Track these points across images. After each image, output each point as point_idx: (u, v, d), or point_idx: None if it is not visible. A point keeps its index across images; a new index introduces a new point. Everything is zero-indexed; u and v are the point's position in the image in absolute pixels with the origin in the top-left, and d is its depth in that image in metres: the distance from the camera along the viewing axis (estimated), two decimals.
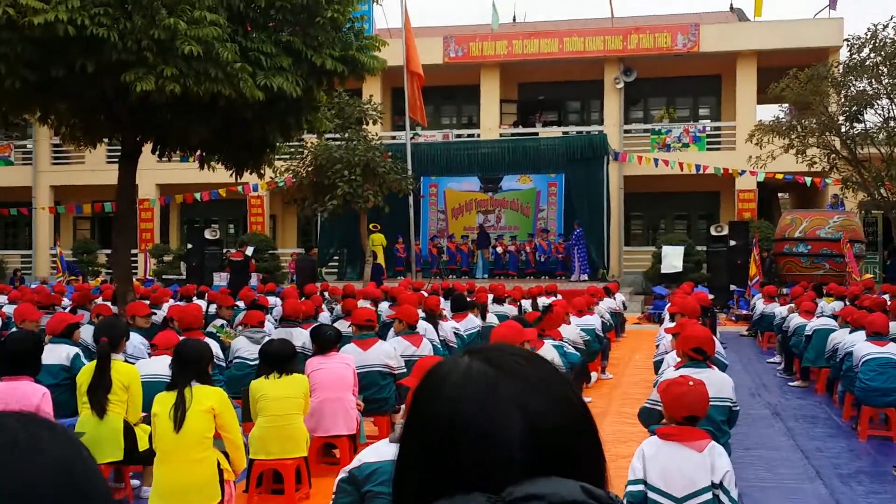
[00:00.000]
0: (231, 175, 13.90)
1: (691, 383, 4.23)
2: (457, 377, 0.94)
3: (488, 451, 0.88)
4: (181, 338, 6.38)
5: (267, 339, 7.43)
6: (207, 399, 5.00)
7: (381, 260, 21.90)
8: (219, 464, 5.07)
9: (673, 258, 22.13)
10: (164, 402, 4.96)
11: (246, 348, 8.07)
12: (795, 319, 11.46)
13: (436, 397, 0.94)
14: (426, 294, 12.60)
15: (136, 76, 10.21)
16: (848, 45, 18.31)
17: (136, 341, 7.72)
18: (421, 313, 9.25)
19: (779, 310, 13.44)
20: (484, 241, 24.64)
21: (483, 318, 11.19)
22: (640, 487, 3.97)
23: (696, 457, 3.96)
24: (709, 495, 3.89)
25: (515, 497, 0.80)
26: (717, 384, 5.48)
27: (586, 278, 22.11)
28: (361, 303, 11.77)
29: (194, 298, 13.54)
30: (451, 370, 0.96)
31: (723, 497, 3.90)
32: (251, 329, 8.44)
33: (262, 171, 13.95)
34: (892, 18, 17.54)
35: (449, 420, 0.91)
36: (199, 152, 14.06)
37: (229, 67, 10.48)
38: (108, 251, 22.49)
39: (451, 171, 24.76)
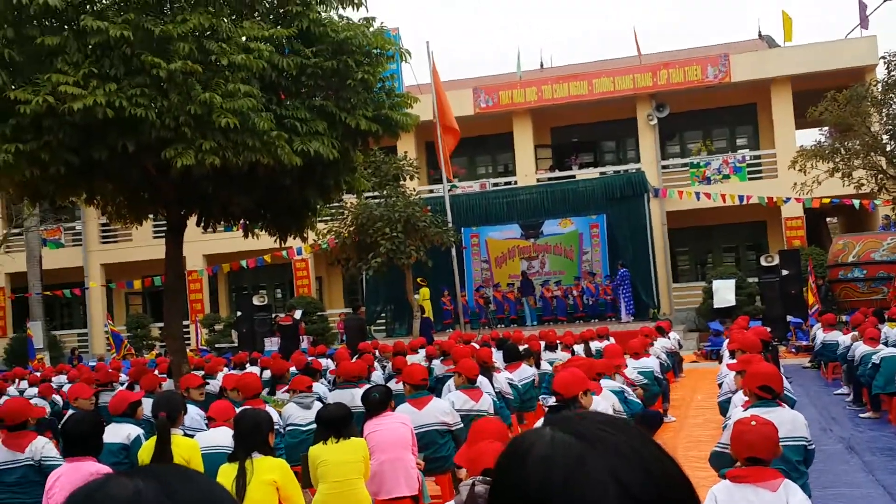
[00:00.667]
0: (275, 240, 14.01)
1: (753, 423, 4.08)
2: (542, 449, 0.88)
3: None
4: (238, 408, 6.34)
5: (318, 402, 7.35)
6: (270, 471, 4.93)
7: (429, 314, 21.83)
8: None
9: (725, 292, 21.74)
10: (226, 474, 4.90)
11: (297, 414, 7.99)
12: (861, 348, 11.09)
13: (521, 471, 0.88)
14: (477, 346, 12.47)
15: (175, 152, 10.38)
16: (885, 63, 18.06)
17: (192, 413, 7.70)
18: None
19: (842, 338, 13.05)
20: (528, 289, 24.46)
21: (537, 366, 11.02)
22: None
23: (770, 496, 3.80)
24: None
25: None
26: (789, 423, 5.27)
27: (631, 319, 21.81)
28: (412, 358, 11.69)
29: (248, 366, 13.55)
30: (535, 442, 0.90)
31: None
32: (300, 394, 8.38)
33: (305, 235, 14.05)
34: None
35: (538, 494, 0.84)
36: (242, 221, 14.22)
37: (266, 136, 10.62)
38: (161, 324, 22.76)
39: (490, 220, 24.76)
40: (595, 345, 13.82)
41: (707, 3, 76.04)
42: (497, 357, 11.24)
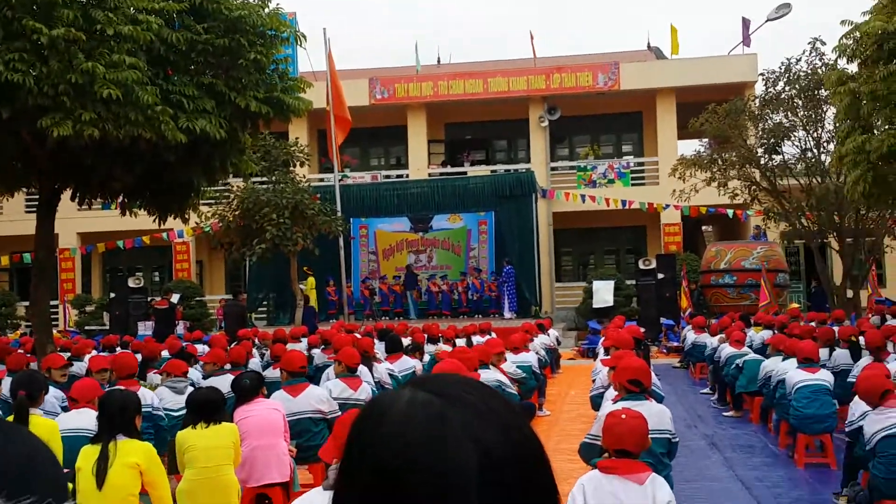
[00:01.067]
0: (154, 221, 13.53)
1: (623, 416, 4.17)
2: (400, 410, 0.85)
3: (441, 486, 0.79)
4: (106, 389, 6.08)
5: (192, 388, 7.15)
6: (133, 454, 4.74)
7: (314, 303, 21.59)
8: None
9: (604, 293, 22.37)
10: (88, 456, 4.70)
11: (169, 399, 7.74)
12: (726, 349, 11.59)
13: (377, 434, 0.84)
14: (359, 336, 12.39)
15: (53, 121, 9.92)
16: (763, 80, 18.94)
17: (50, 395, 7.32)
18: None
19: (710, 340, 13.62)
20: (412, 282, 24.45)
21: (420, 358, 11.05)
22: None
23: (637, 489, 3.88)
24: None
25: None
26: (656, 416, 5.44)
27: (513, 316, 22.19)
28: (293, 347, 11.51)
29: (118, 349, 13.04)
30: (393, 403, 0.86)
31: None
32: (173, 379, 8.12)
33: (187, 216, 13.64)
34: (804, 52, 18.24)
35: (394, 457, 0.81)
36: (120, 198, 13.68)
37: (150, 110, 10.26)
38: (28, 303, 21.65)
39: (380, 212, 24.70)
40: (477, 339, 13.97)
41: (600, 12, 78.03)
42: (379, 348, 11.20)
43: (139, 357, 9.41)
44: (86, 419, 5.91)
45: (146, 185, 12.87)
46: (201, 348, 12.91)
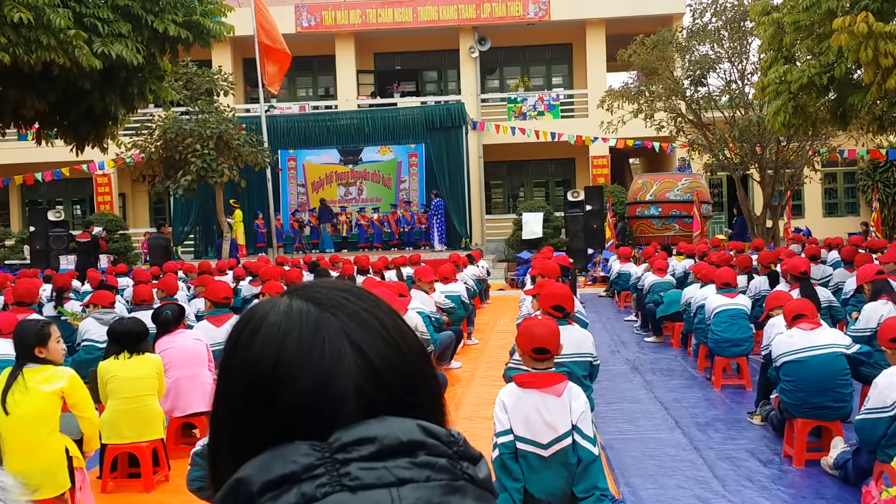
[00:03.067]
0: (71, 150, 13.06)
1: (539, 317, 4.25)
2: (276, 317, 0.81)
3: (318, 394, 0.76)
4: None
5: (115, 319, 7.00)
6: (55, 379, 4.65)
7: (239, 235, 21.32)
8: (67, 451, 4.73)
9: (533, 224, 22.58)
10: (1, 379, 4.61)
11: (94, 330, 7.60)
12: (650, 278, 11.88)
13: (253, 340, 0.81)
14: (287, 269, 12.29)
15: None
16: (691, 11, 19.04)
17: None
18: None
19: (634, 269, 13.92)
20: (326, 216, 24.18)
21: None
22: (510, 437, 3.95)
23: (556, 402, 3.96)
24: (571, 438, 3.91)
25: (344, 442, 0.72)
26: (578, 340, 5.55)
27: (444, 248, 22.27)
28: (219, 279, 11.36)
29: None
30: (269, 311, 0.83)
31: (576, 436, 3.93)
32: (101, 310, 7.96)
33: (105, 145, 13.20)
34: None
35: (272, 362, 0.78)
36: (35, 127, 13.14)
37: (62, 34, 9.81)
38: None
39: (309, 143, 24.32)
40: (407, 271, 14.00)
41: None
42: (307, 280, 11.13)
43: (48, 287, 9.20)
44: (8, 346, 5.79)
45: (61, 113, 12.38)
46: (124, 281, 12.65)
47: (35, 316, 7.24)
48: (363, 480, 0.69)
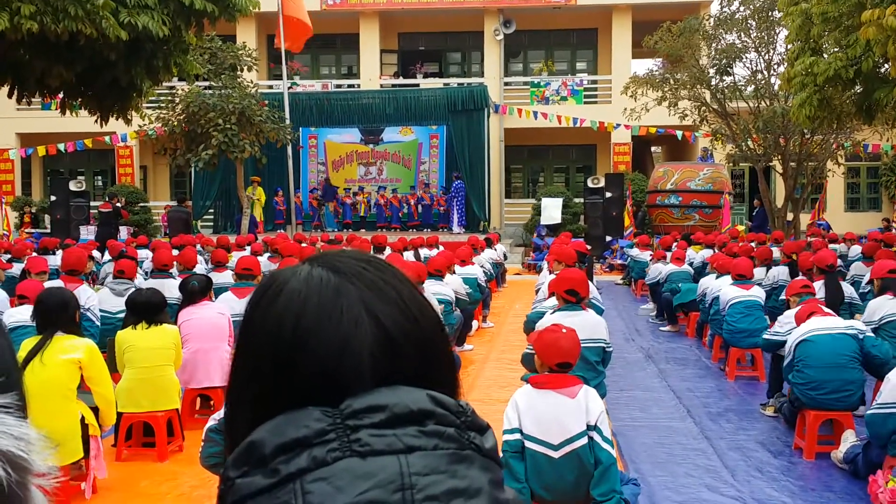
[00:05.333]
0: (95, 121, 13.14)
1: (564, 330, 4.19)
2: (297, 283, 0.83)
3: (334, 360, 0.78)
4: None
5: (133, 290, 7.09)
6: (72, 349, 4.72)
7: (258, 212, 21.41)
8: (83, 419, 4.80)
9: (552, 210, 22.52)
10: (25, 346, 4.68)
11: (109, 301, 7.68)
12: (667, 267, 11.84)
13: (274, 305, 0.83)
14: (304, 245, 12.35)
15: None
16: None
17: None
18: None
19: (649, 259, 13.88)
20: (329, 195, 24.15)
21: None
22: (517, 436, 3.91)
23: (571, 403, 3.92)
24: (584, 440, 3.87)
25: (354, 409, 0.73)
26: (592, 326, 5.55)
27: (462, 230, 22.26)
28: (239, 255, 11.43)
29: (58, 251, 12.82)
30: (290, 277, 0.85)
31: (596, 437, 3.91)
32: (115, 281, 8.03)
33: (130, 117, 13.26)
34: None
35: (292, 327, 0.80)
36: (60, 96, 13.22)
37: (89, 4, 9.84)
38: None
39: (330, 121, 24.34)
40: (424, 252, 14.03)
41: None
42: None
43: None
44: (27, 313, 5.88)
45: (86, 84, 12.43)
46: (144, 253, 12.76)
47: (85, 286, 7.36)
48: (373, 447, 0.71)
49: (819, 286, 7.92)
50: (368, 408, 0.73)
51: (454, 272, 10.24)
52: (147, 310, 5.79)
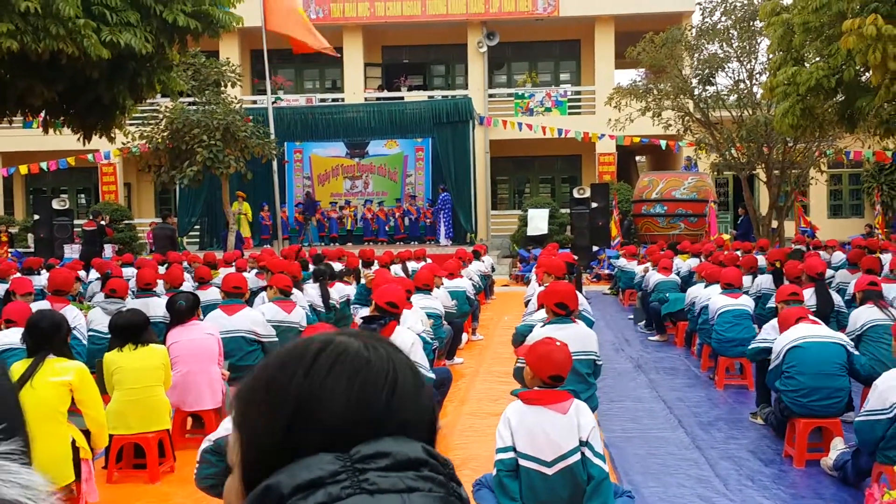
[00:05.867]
0: (78, 139, 13.08)
1: (558, 343, 4.18)
2: (337, 347, 0.94)
3: (358, 413, 0.89)
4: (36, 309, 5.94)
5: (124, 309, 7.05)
6: (63, 371, 4.68)
7: (244, 228, 21.34)
8: (74, 442, 4.75)
9: (538, 221, 22.58)
10: (15, 373, 4.63)
11: (100, 320, 7.62)
12: (655, 276, 11.88)
13: (305, 363, 0.92)
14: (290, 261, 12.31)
15: None
16: (700, 9, 18.98)
17: None
18: None
19: (639, 268, 13.92)
20: (311, 209, 24.03)
21: (357, 282, 11.11)
22: (511, 455, 3.89)
23: (562, 419, 3.90)
24: (577, 456, 3.86)
25: (363, 455, 0.83)
26: (582, 338, 5.56)
27: (449, 243, 22.27)
28: (226, 271, 11.39)
29: (42, 271, 12.73)
30: (333, 342, 0.95)
31: (588, 452, 3.90)
32: (107, 300, 7.98)
33: (113, 135, 13.19)
34: None
35: (320, 384, 0.90)
36: (42, 115, 13.15)
37: (71, 23, 9.79)
38: None
39: (316, 136, 24.34)
40: (412, 265, 14.01)
41: None
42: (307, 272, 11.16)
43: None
44: (15, 337, 5.81)
45: (69, 102, 12.38)
46: (129, 272, 12.68)
47: (71, 306, 7.29)
48: (380, 486, 0.81)
49: (809, 294, 7.97)
50: (375, 454, 0.84)
51: (441, 285, 10.23)
52: (129, 331, 5.74)
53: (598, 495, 3.86)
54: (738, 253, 12.32)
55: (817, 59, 10.83)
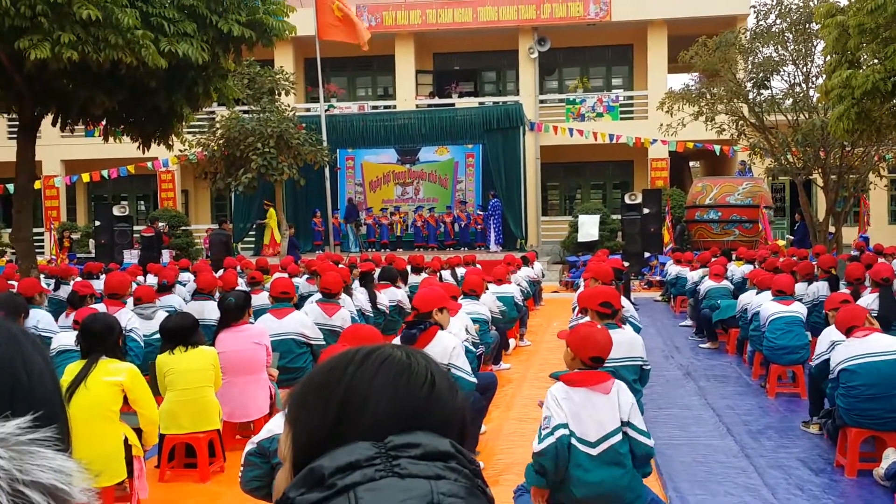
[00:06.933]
0: (138, 147, 13.43)
1: (600, 326, 4.25)
2: (382, 354, 1.06)
3: (400, 409, 0.99)
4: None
5: (164, 313, 7.28)
6: (116, 372, 4.83)
7: (267, 236, 21.72)
8: (126, 440, 4.91)
9: (589, 227, 22.44)
10: (71, 371, 4.81)
11: (135, 324, 7.78)
12: (706, 283, 11.73)
13: (354, 364, 1.04)
14: (341, 266, 12.46)
15: (30, 43, 9.76)
16: (755, 12, 18.69)
17: (37, 315, 7.43)
18: None
19: (690, 274, 13.76)
20: (352, 215, 24.12)
21: (405, 285, 11.24)
22: (566, 431, 3.91)
23: (605, 399, 3.96)
24: (620, 435, 3.93)
25: (396, 444, 0.92)
26: (628, 343, 5.53)
27: (499, 249, 22.26)
28: (279, 275, 11.57)
29: (102, 276, 13.07)
30: (378, 350, 1.07)
31: (631, 432, 3.94)
32: (141, 305, 8.15)
33: (171, 143, 13.53)
34: None
35: (368, 382, 1.01)
36: (103, 123, 13.55)
37: (130, 34, 10.09)
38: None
39: (367, 143, 24.55)
40: (461, 271, 14.06)
41: None
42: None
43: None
44: (70, 338, 6.01)
45: (128, 111, 12.73)
46: (186, 276, 12.97)
47: (126, 309, 7.50)
48: (410, 471, 0.89)
49: (873, 299, 7.80)
50: (407, 444, 0.93)
51: (487, 290, 10.24)
52: (180, 334, 5.89)
53: (647, 465, 4.04)
54: (795, 259, 12.12)
55: (873, 61, 10.60)
